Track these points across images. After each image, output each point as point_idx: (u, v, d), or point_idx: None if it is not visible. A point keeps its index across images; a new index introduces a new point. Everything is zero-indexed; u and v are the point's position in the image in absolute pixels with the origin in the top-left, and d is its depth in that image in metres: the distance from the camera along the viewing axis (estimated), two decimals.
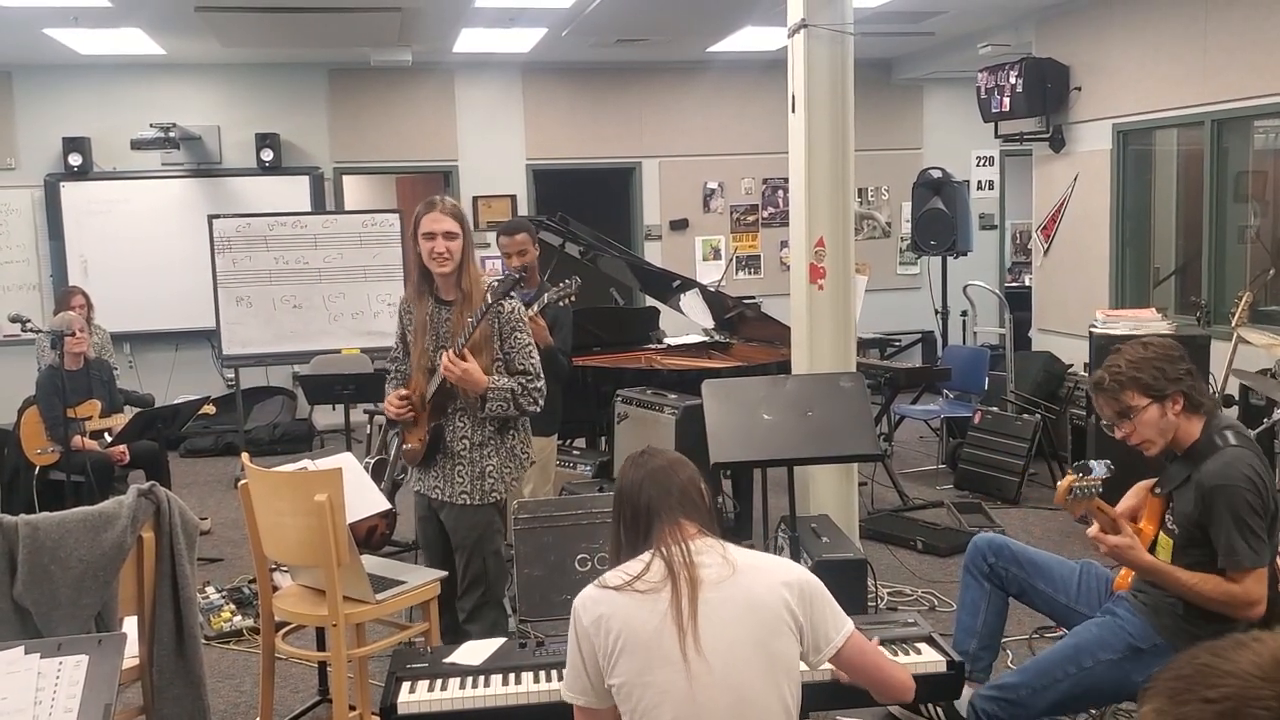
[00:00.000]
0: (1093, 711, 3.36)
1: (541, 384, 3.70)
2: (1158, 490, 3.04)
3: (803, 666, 2.26)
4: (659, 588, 2.17)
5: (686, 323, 7.22)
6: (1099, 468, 2.92)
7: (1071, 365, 7.36)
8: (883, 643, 2.91)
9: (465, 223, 3.67)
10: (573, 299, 4.63)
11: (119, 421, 6.18)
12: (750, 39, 8.82)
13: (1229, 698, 1.11)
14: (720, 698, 2.12)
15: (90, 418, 6.13)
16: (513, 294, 3.65)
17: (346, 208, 9.82)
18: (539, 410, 3.72)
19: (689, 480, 2.33)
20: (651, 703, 2.12)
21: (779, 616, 2.19)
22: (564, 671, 2.27)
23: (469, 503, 3.69)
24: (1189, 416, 2.93)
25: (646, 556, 2.23)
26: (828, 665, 2.34)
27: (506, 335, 3.65)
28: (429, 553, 3.90)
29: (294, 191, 9.26)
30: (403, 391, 3.77)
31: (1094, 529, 2.97)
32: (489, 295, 3.56)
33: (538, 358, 3.73)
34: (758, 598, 2.19)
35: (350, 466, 3.66)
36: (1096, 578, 3.25)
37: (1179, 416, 2.92)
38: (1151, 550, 2.97)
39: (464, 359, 3.53)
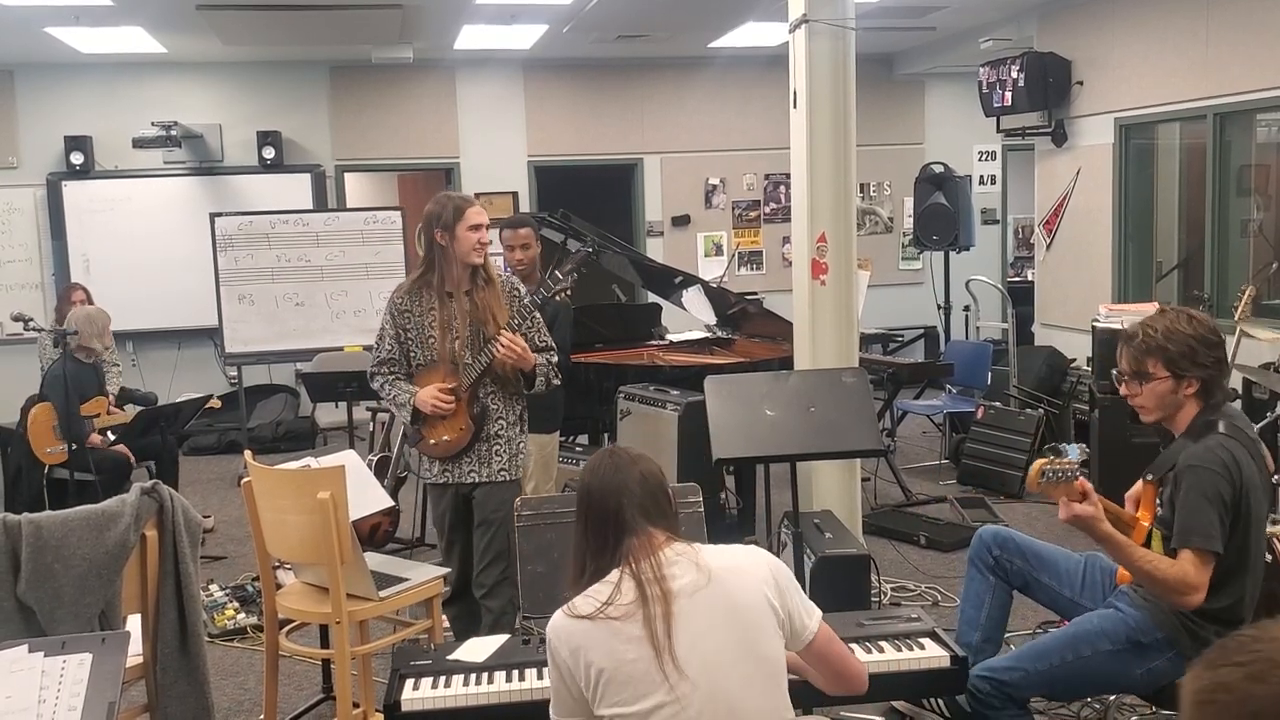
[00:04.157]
0: (1096, 706, 3.35)
1: (559, 359, 3.96)
2: (1149, 476, 3.02)
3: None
4: (632, 611, 2.10)
5: (689, 319, 7.22)
6: (1073, 451, 2.87)
7: (1074, 360, 7.35)
8: (886, 638, 2.92)
9: None
10: (568, 293, 4.63)
11: (120, 418, 6.22)
12: (752, 34, 8.81)
13: (1258, 660, 1.19)
14: (710, 711, 2.08)
15: (99, 414, 6.16)
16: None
17: (348, 205, 9.82)
18: (559, 384, 3.97)
19: (656, 484, 2.26)
20: None
21: (762, 617, 2.14)
22: (549, 695, 2.22)
23: (506, 479, 3.84)
24: (1197, 401, 2.90)
25: (614, 577, 2.16)
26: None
27: (524, 316, 3.84)
28: (459, 542, 3.91)
29: (296, 189, 9.26)
30: (448, 386, 3.78)
31: (1073, 507, 2.87)
32: (550, 280, 4.02)
33: (549, 335, 3.95)
34: (739, 602, 2.14)
35: (353, 464, 3.66)
36: (1101, 571, 3.24)
37: (1188, 399, 2.89)
38: (1148, 543, 2.96)
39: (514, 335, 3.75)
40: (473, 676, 2.79)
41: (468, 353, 3.76)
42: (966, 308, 9.13)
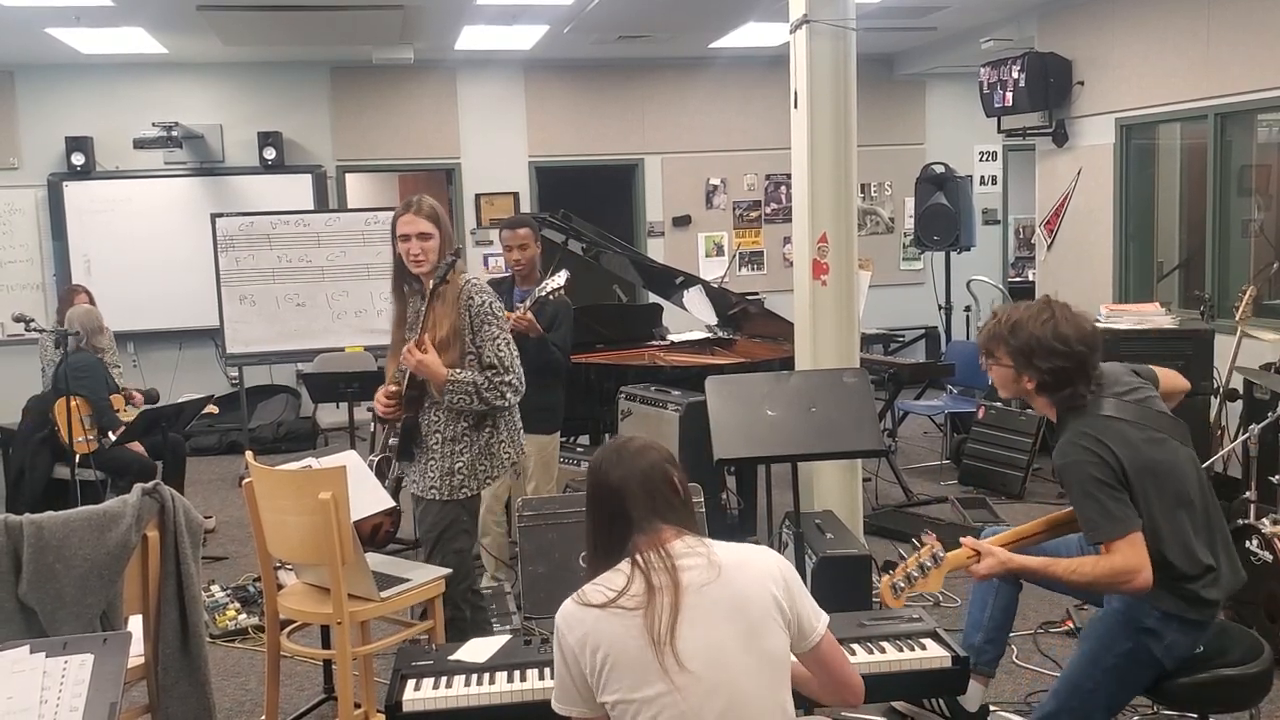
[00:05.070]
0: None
1: (511, 378, 3.63)
2: None
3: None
4: (642, 603, 2.11)
5: (690, 319, 7.22)
6: (912, 550, 2.84)
7: None
8: (887, 638, 2.92)
9: (441, 222, 3.65)
10: (561, 291, 4.63)
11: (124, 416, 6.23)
12: (752, 35, 8.81)
13: None
14: (711, 704, 2.08)
15: (119, 409, 6.18)
16: (448, 278, 3.58)
17: (349, 206, 9.82)
18: (507, 405, 3.67)
19: (661, 476, 2.23)
20: (646, 718, 2.08)
21: (768, 613, 2.15)
22: (553, 683, 2.23)
23: (436, 498, 3.69)
24: (1041, 395, 2.90)
25: (626, 569, 2.16)
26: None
27: (477, 328, 3.63)
28: None
29: (297, 190, 9.27)
30: (391, 388, 3.77)
31: (975, 569, 2.91)
32: (431, 281, 3.57)
33: (508, 351, 3.65)
34: (746, 597, 2.14)
35: (354, 464, 3.66)
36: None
37: (1031, 392, 2.90)
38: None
39: (422, 348, 3.52)
40: (474, 677, 2.79)
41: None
42: (967, 308, 9.13)
